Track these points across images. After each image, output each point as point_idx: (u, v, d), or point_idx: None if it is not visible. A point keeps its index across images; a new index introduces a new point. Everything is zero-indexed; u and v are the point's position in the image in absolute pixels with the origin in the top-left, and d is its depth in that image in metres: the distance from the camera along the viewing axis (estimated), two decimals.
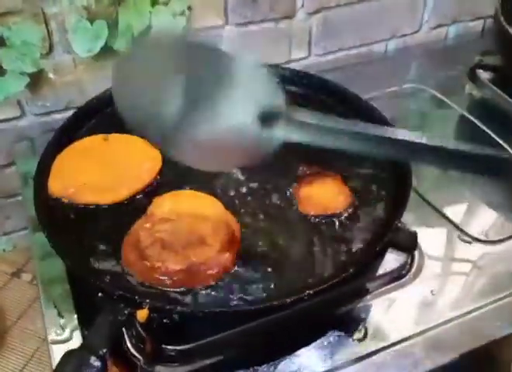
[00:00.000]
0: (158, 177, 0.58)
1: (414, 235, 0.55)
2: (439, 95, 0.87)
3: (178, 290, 0.46)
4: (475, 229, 0.62)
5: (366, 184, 0.57)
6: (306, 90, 0.70)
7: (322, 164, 0.59)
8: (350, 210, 0.55)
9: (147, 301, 0.44)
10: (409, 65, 0.95)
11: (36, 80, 0.71)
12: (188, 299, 0.46)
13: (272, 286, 0.48)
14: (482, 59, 0.89)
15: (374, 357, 0.50)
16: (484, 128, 0.81)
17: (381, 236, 0.51)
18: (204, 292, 0.47)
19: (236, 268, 0.49)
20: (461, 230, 0.62)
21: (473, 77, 0.88)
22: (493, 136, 0.79)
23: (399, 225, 0.52)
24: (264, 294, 0.47)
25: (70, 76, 0.73)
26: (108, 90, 0.67)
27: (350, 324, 0.52)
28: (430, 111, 0.87)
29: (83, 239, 0.51)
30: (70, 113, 0.74)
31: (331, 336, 0.51)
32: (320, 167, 0.59)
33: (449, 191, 0.68)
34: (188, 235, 0.49)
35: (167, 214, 0.51)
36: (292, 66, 0.86)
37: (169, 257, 0.47)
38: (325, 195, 0.56)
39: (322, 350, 0.50)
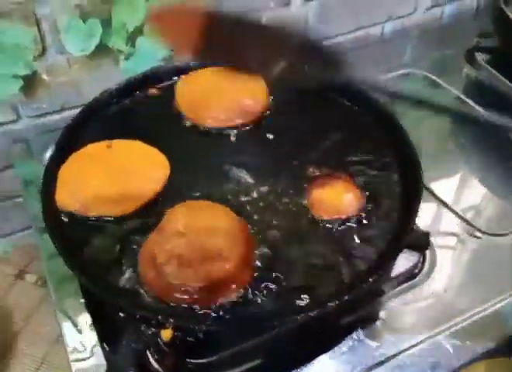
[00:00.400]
0: (167, 185, 0.57)
1: (426, 235, 0.56)
2: (435, 78, 0.86)
3: (200, 307, 0.46)
4: (484, 222, 0.63)
5: (377, 184, 0.57)
6: None
7: (332, 166, 0.58)
8: (363, 212, 0.54)
9: (171, 320, 0.44)
10: (406, 47, 0.94)
11: (30, 83, 0.68)
12: (211, 315, 0.46)
13: (294, 296, 0.48)
14: (479, 41, 0.89)
15: (393, 361, 0.51)
16: (480, 109, 0.81)
17: (398, 239, 0.51)
18: (227, 307, 0.47)
19: (255, 278, 0.49)
20: (471, 224, 0.62)
21: (470, 60, 0.88)
22: (491, 118, 0.79)
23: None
24: (287, 305, 0.47)
25: (64, 76, 0.70)
26: (105, 91, 0.65)
27: (367, 328, 0.53)
28: (426, 93, 0.86)
29: (97, 255, 0.51)
30: (66, 114, 0.73)
31: (349, 341, 0.52)
32: (329, 168, 0.58)
33: (457, 184, 0.69)
34: (205, 249, 0.49)
35: (181, 227, 0.50)
36: None
37: (188, 274, 0.47)
38: (337, 198, 0.55)
39: (341, 356, 0.51)
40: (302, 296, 0.48)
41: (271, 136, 0.63)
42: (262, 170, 0.59)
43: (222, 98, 0.64)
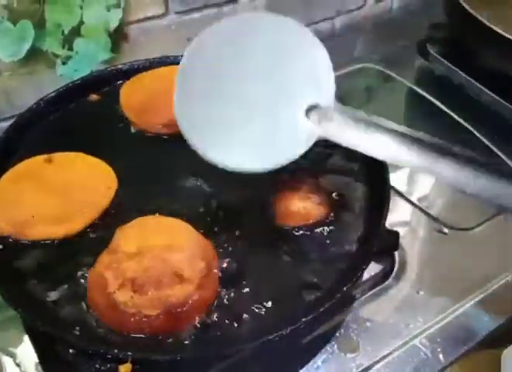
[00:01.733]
0: (115, 199, 0.52)
1: (396, 235, 0.54)
2: (388, 71, 0.85)
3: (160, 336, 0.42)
4: (449, 217, 0.61)
5: (343, 186, 0.54)
6: None
7: (294, 169, 0.55)
8: (331, 216, 0.51)
9: (129, 354, 0.39)
10: (357, 42, 0.92)
11: None
12: (173, 344, 0.41)
13: (263, 312, 0.44)
14: (430, 32, 0.88)
15: (371, 371, 0.48)
16: (434, 100, 0.80)
17: (369, 242, 0.48)
18: (190, 332, 0.42)
19: (219, 298, 0.45)
20: (437, 220, 0.61)
21: (423, 51, 0.87)
22: (444, 108, 0.78)
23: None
24: (255, 323, 0.44)
25: None
26: (41, 99, 0.59)
27: (340, 338, 0.50)
28: (379, 87, 0.85)
29: (40, 284, 0.45)
30: None
31: (323, 355, 0.49)
32: (291, 172, 0.55)
33: (417, 179, 0.67)
34: (162, 271, 0.44)
35: (133, 248, 0.45)
36: None
37: (144, 302, 0.41)
38: (302, 203, 0.52)
39: (316, 371, 0.48)
40: (273, 311, 0.44)
41: None
42: (220, 177, 0.54)
43: (170, 102, 0.59)
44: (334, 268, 0.47)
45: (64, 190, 0.51)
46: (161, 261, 0.44)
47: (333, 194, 0.53)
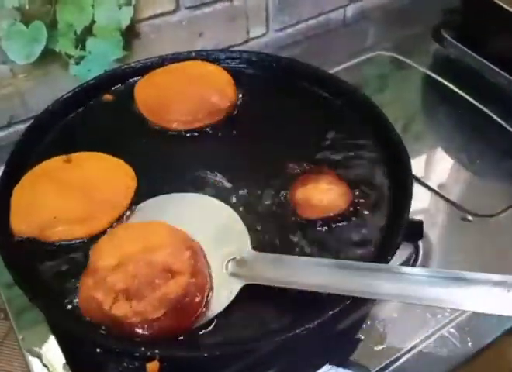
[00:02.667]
0: (134, 198, 0.51)
1: (419, 224, 0.53)
2: (402, 58, 0.84)
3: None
4: (473, 204, 0.60)
5: (363, 174, 0.53)
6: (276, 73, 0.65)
7: (313, 160, 0.54)
8: (353, 207, 0.50)
9: (157, 351, 0.39)
10: (370, 30, 0.91)
11: None
12: (194, 339, 0.41)
13: (288, 306, 0.44)
14: (445, 17, 0.86)
15: (399, 362, 0.48)
16: (451, 85, 0.79)
17: (394, 232, 0.47)
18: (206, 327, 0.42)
19: None
20: (460, 208, 0.60)
21: (437, 37, 0.85)
22: (461, 93, 0.77)
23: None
24: (281, 318, 0.43)
25: (9, 88, 0.64)
26: (57, 100, 0.59)
27: (367, 330, 0.49)
28: (394, 74, 0.84)
29: (65, 286, 0.45)
30: (13, 129, 0.67)
31: None
32: (310, 163, 0.54)
33: (438, 167, 0.66)
34: (150, 272, 0.42)
35: (113, 260, 0.43)
36: (251, 44, 0.81)
37: (144, 307, 0.40)
38: (323, 195, 0.51)
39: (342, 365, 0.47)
40: (299, 306, 0.43)
41: (243, 134, 0.58)
42: (238, 172, 0.54)
43: (186, 98, 0.59)
44: (359, 259, 0.46)
45: (84, 190, 0.51)
46: (146, 264, 0.42)
47: (354, 186, 0.52)
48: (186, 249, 0.44)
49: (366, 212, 0.50)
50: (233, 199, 0.52)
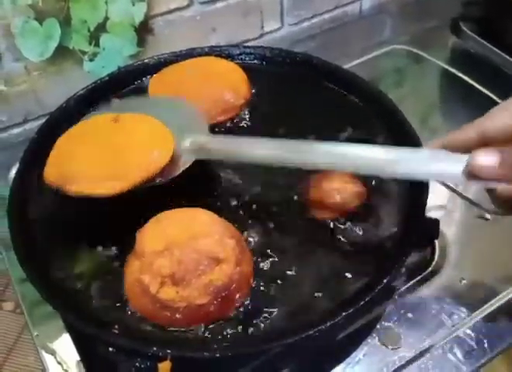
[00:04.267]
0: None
1: (436, 223, 0.52)
2: (419, 52, 0.82)
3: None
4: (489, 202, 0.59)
5: None
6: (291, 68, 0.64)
7: None
8: (368, 205, 0.50)
9: (168, 351, 0.39)
10: (386, 23, 0.89)
11: None
12: (213, 338, 0.41)
13: (302, 306, 0.43)
14: (463, 10, 0.85)
15: (415, 363, 0.47)
16: (469, 80, 0.77)
17: (409, 231, 0.46)
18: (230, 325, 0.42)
19: (254, 290, 0.44)
20: (478, 206, 0.58)
21: (456, 30, 0.84)
22: (480, 87, 0.76)
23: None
24: (296, 317, 0.43)
25: (24, 85, 0.64)
26: (71, 97, 0.59)
27: (381, 330, 0.49)
28: (411, 68, 0.83)
29: (76, 284, 0.45)
30: (29, 126, 0.67)
31: (364, 347, 0.48)
32: None
33: None
34: (197, 259, 0.43)
35: (160, 245, 0.44)
36: (266, 39, 0.80)
37: (191, 293, 0.41)
38: (338, 193, 0.50)
39: (357, 365, 0.47)
40: (314, 305, 0.43)
41: (256, 130, 0.57)
42: (251, 168, 0.53)
43: (199, 95, 0.59)
44: (373, 259, 0.46)
45: (119, 149, 0.50)
46: (192, 250, 0.43)
47: (369, 184, 0.51)
48: (230, 238, 0.44)
49: (381, 211, 0.49)
50: (246, 197, 0.51)
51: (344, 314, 0.41)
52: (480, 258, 0.54)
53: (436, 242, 0.54)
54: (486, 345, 0.48)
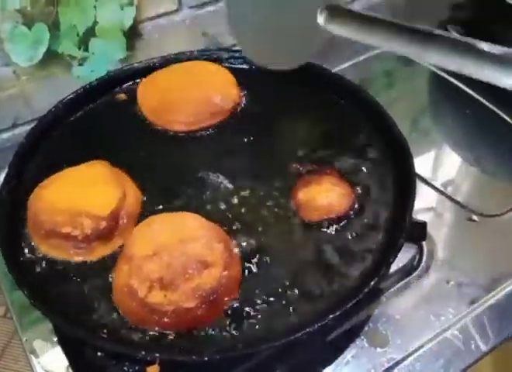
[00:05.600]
0: (143, 196, 0.51)
1: (423, 225, 0.52)
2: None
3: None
4: (478, 204, 0.60)
5: (366, 177, 0.53)
6: None
7: (315, 161, 0.54)
8: (356, 207, 0.50)
9: (157, 355, 0.39)
10: None
11: None
12: (201, 341, 0.41)
13: (290, 309, 0.44)
14: (451, 13, 0.85)
15: (403, 364, 0.47)
16: (458, 83, 0.78)
17: (397, 234, 0.47)
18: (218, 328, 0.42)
19: (243, 291, 0.45)
20: (465, 208, 0.59)
21: None
22: (469, 91, 0.76)
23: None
24: (281, 318, 0.43)
25: (13, 90, 0.64)
26: (60, 102, 0.59)
27: (369, 332, 0.49)
28: (400, 71, 0.83)
29: (63, 289, 0.45)
30: (18, 131, 0.67)
31: (353, 349, 0.48)
32: (313, 164, 0.54)
33: (443, 166, 0.66)
34: (185, 263, 0.43)
35: (148, 249, 0.44)
36: None
37: (179, 297, 0.41)
38: (325, 196, 0.50)
39: (345, 367, 0.47)
40: (301, 308, 0.44)
41: (246, 134, 0.57)
42: (240, 172, 0.54)
43: (188, 98, 0.59)
44: (360, 261, 0.46)
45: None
46: (181, 254, 0.44)
47: (357, 186, 0.52)
48: (219, 243, 0.45)
49: (368, 213, 0.50)
50: (235, 200, 0.52)
51: (331, 316, 0.41)
52: (468, 260, 0.55)
53: (424, 244, 0.55)
54: (473, 346, 0.49)
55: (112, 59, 0.68)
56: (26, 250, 0.47)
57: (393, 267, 0.52)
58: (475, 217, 0.58)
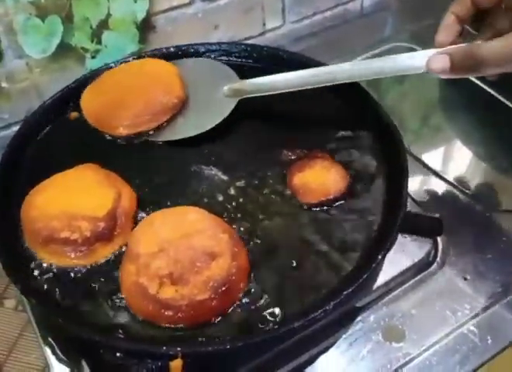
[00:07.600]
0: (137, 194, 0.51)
1: (439, 220, 0.52)
2: (420, 49, 0.82)
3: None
4: (491, 199, 0.59)
5: (358, 156, 0.54)
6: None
7: (306, 146, 0.54)
8: (351, 188, 0.51)
9: (179, 349, 0.39)
10: (387, 20, 0.89)
11: None
12: (221, 329, 0.42)
13: (296, 294, 0.44)
14: None
15: (419, 360, 0.47)
16: (471, 78, 0.77)
17: (393, 212, 0.48)
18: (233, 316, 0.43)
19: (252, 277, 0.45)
20: (481, 202, 0.59)
21: None
22: (481, 84, 0.76)
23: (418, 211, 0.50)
24: (293, 303, 0.44)
25: (26, 82, 0.64)
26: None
27: (385, 327, 0.49)
28: None
29: (70, 292, 0.45)
30: None
31: (369, 344, 0.48)
32: (304, 149, 0.54)
33: (454, 160, 0.65)
34: (192, 256, 0.43)
35: (153, 247, 0.44)
36: (267, 36, 0.80)
37: (190, 290, 0.41)
38: (320, 178, 0.51)
39: (362, 361, 0.47)
40: (307, 292, 0.44)
41: (234, 124, 0.57)
42: (233, 163, 0.54)
43: (133, 98, 0.57)
44: (358, 244, 0.47)
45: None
46: (187, 248, 0.44)
47: (350, 167, 0.53)
48: (223, 233, 0.45)
49: (363, 195, 0.51)
50: (232, 191, 0.52)
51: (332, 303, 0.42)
52: (483, 255, 0.54)
53: (439, 239, 0.55)
54: (489, 341, 0.48)
55: (125, 52, 0.68)
56: (28, 262, 0.47)
57: (409, 262, 0.53)
58: (490, 212, 0.58)
